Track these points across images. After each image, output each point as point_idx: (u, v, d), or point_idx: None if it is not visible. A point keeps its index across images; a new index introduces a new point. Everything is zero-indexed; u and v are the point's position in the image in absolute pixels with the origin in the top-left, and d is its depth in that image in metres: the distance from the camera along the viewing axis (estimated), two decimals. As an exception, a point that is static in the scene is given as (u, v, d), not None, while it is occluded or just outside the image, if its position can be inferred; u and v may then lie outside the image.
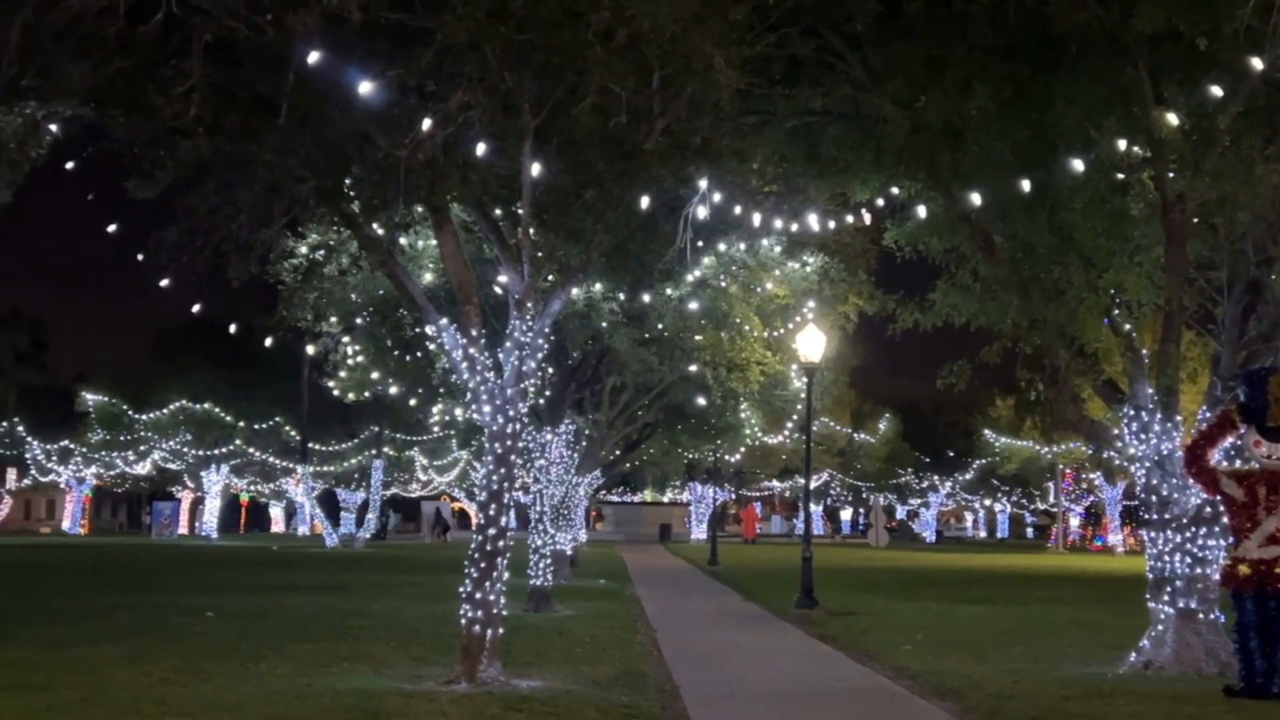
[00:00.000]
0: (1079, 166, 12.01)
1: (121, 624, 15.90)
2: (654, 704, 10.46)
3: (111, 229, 12.44)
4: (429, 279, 18.26)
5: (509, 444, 11.56)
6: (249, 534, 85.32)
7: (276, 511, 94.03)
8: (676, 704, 10.62)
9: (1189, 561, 12.40)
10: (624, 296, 18.56)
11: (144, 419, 66.27)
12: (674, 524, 74.58)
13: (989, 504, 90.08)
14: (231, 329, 17.90)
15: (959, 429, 75.11)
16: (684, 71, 10.43)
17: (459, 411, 26.92)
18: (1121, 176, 12.79)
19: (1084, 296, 12.56)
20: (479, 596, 11.20)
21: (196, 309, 13.72)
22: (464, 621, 11.22)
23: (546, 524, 20.38)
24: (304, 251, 17.90)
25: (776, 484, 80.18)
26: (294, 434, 64.15)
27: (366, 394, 26.24)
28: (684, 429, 29.48)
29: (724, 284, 19.38)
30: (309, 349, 23.91)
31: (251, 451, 68.03)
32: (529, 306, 11.82)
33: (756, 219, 14.33)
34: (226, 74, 10.45)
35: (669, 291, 18.74)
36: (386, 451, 61.28)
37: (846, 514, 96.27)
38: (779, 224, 15.06)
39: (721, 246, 17.63)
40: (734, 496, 79.07)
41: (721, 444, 33.03)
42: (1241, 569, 11.14)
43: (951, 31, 11.99)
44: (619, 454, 32.73)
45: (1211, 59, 11.43)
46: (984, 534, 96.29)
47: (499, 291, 14.45)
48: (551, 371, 20.84)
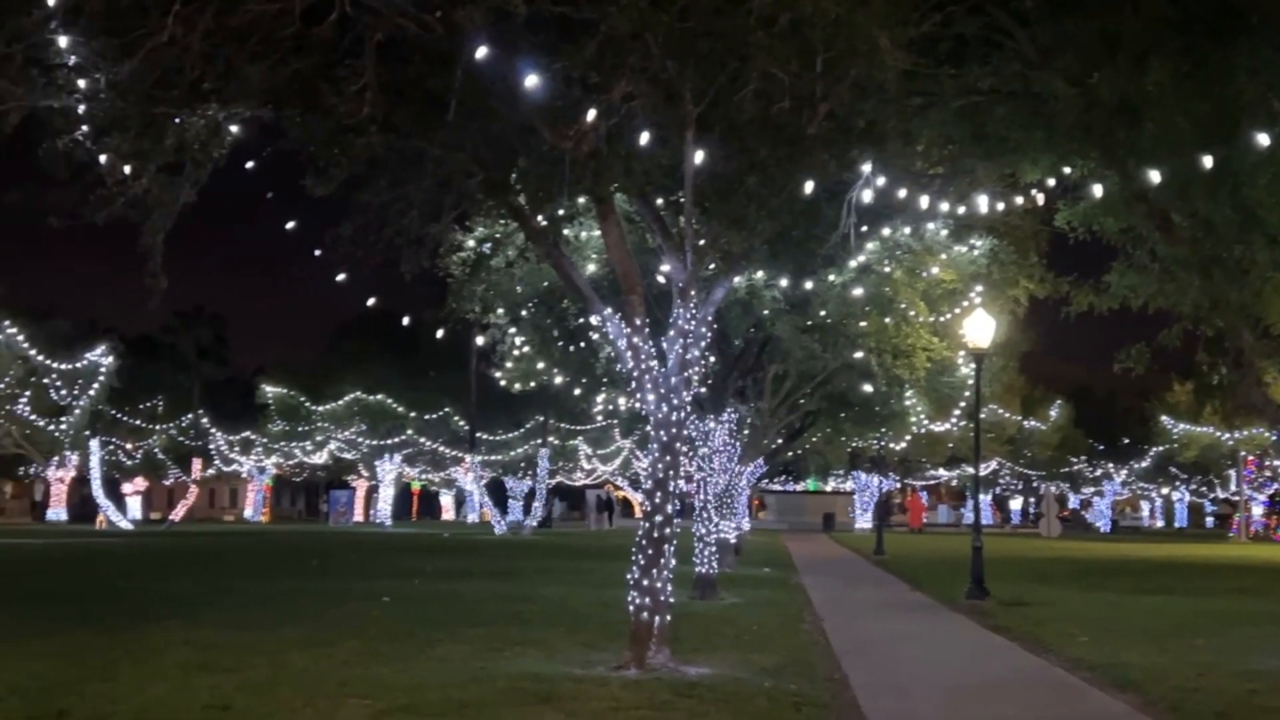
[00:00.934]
0: (1263, 141, 11.48)
1: (303, 608, 16.48)
2: (823, 693, 10.39)
3: (289, 226, 12.88)
4: (592, 269, 18.43)
5: (674, 432, 11.61)
6: (421, 521, 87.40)
7: (446, 499, 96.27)
8: (845, 693, 10.53)
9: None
10: (786, 283, 18.42)
11: (320, 410, 68.56)
12: (838, 513, 73.92)
13: (1166, 493, 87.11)
14: (404, 321, 18.37)
15: (1134, 415, 72.84)
16: (848, 54, 10.31)
17: (622, 401, 27.12)
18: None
19: (1269, 276, 12.04)
20: (646, 584, 11.29)
21: (371, 302, 14.10)
22: (632, 608, 11.32)
23: (710, 512, 20.41)
24: (471, 245, 18.24)
25: (943, 472, 78.82)
26: (463, 424, 65.55)
27: (532, 384, 26.59)
28: (847, 417, 29.19)
29: (889, 269, 19.07)
30: (478, 340, 24.36)
31: (422, 441, 69.83)
32: (692, 295, 11.84)
33: (922, 202, 14.06)
34: (397, 72, 10.71)
35: (832, 277, 18.54)
36: (551, 440, 62.09)
37: (1016, 503, 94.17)
38: (945, 207, 14.76)
39: (886, 231, 17.35)
40: (899, 485, 78.01)
41: (886, 432, 32.62)
42: None
43: (1124, 5, 11.59)
44: (781, 442, 32.61)
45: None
46: (1161, 524, 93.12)
47: (662, 280, 14.51)
48: (714, 360, 20.84)
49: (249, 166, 12.22)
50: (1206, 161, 11.72)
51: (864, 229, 14.71)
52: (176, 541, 42.77)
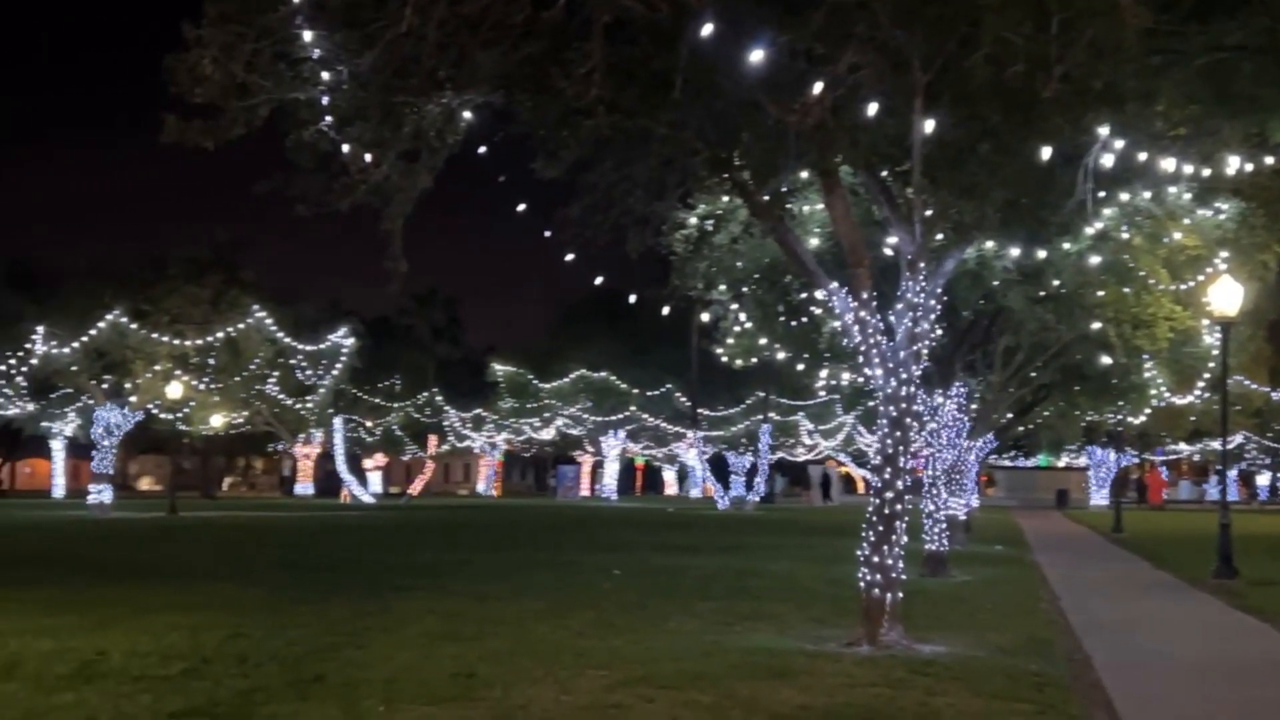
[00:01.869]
0: None
1: (538, 580, 16.95)
2: (1063, 672, 10.09)
3: (520, 208, 13.21)
4: (816, 243, 18.25)
5: (903, 407, 11.45)
6: (645, 496, 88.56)
7: (669, 474, 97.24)
8: (1088, 673, 10.20)
9: None
10: (1018, 253, 17.85)
11: (547, 388, 70.18)
12: (1071, 489, 71.47)
13: None
14: (631, 299, 18.62)
15: (1398, 384, 67.93)
16: (1085, 13, 9.90)
17: (845, 376, 26.87)
18: None
19: None
20: (877, 560, 11.18)
21: (598, 281, 14.33)
22: (863, 584, 11.23)
23: (939, 488, 20.05)
24: (694, 222, 18.35)
25: (1184, 447, 75.26)
26: (684, 400, 66.15)
27: (754, 360, 26.57)
28: (1082, 390, 28.13)
29: (1127, 236, 18.26)
30: (704, 316, 24.50)
31: (645, 417, 70.73)
32: (920, 267, 11.63)
33: (1165, 165, 13.42)
34: (624, 53, 10.82)
35: (1067, 246, 17.87)
36: (772, 416, 61.96)
37: (1263, 479, 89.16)
38: (1189, 169, 14.04)
39: (1124, 196, 16.60)
40: (1137, 460, 74.89)
41: (1124, 405, 31.30)
42: None
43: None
44: (1011, 417, 31.71)
45: None
46: None
47: (889, 253, 14.29)
48: (941, 332, 20.41)
49: (481, 151, 12.60)
50: None
51: (1101, 195, 14.11)
52: (415, 515, 44.57)
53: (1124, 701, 8.89)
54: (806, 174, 13.52)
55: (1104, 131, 11.84)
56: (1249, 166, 14.20)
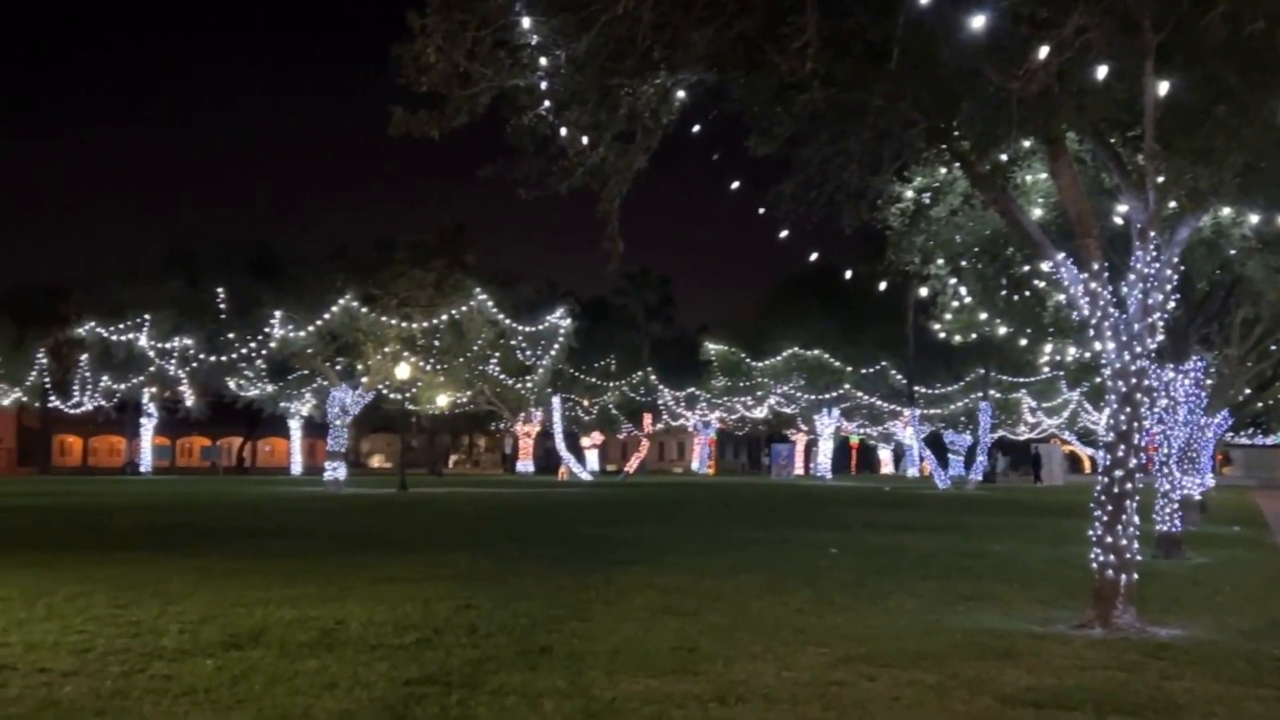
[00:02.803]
0: None
1: (756, 557, 17.00)
2: (1311, 660, 9.56)
3: (734, 186, 13.21)
4: (1039, 214, 17.68)
5: (1134, 383, 11.01)
6: (860, 475, 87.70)
7: (885, 453, 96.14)
8: (1342, 662, 9.63)
9: None
10: (1258, 219, 16.92)
11: (760, 366, 70.18)
12: (1317, 469, 67.52)
13: None
14: (847, 275, 18.43)
15: None
16: (1333, -39, 9.31)
17: (1070, 351, 25.98)
18: None
19: None
20: (1109, 540, 10.81)
21: (814, 257, 14.24)
22: (1095, 566, 10.87)
23: (1172, 467, 19.23)
24: (910, 195, 17.99)
25: None
26: (900, 377, 65.16)
27: (973, 335, 25.96)
28: (1328, 364, 26.57)
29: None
30: (922, 291, 24.07)
31: (860, 395, 70.01)
32: (1153, 236, 11.16)
33: None
34: (838, 25, 10.69)
35: (1313, 210, 16.85)
36: (992, 393, 60.50)
37: None
38: None
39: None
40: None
41: (1374, 378, 29.39)
42: None
43: None
44: (1250, 393, 30.18)
45: None
46: None
47: (1119, 222, 13.74)
48: (1175, 304, 19.51)
49: (695, 131, 12.65)
50: None
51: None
52: (632, 492, 45.25)
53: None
54: (1030, 142, 13.10)
55: (1356, 86, 11.11)
56: None
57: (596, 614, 11.07)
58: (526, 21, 11.01)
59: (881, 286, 17.96)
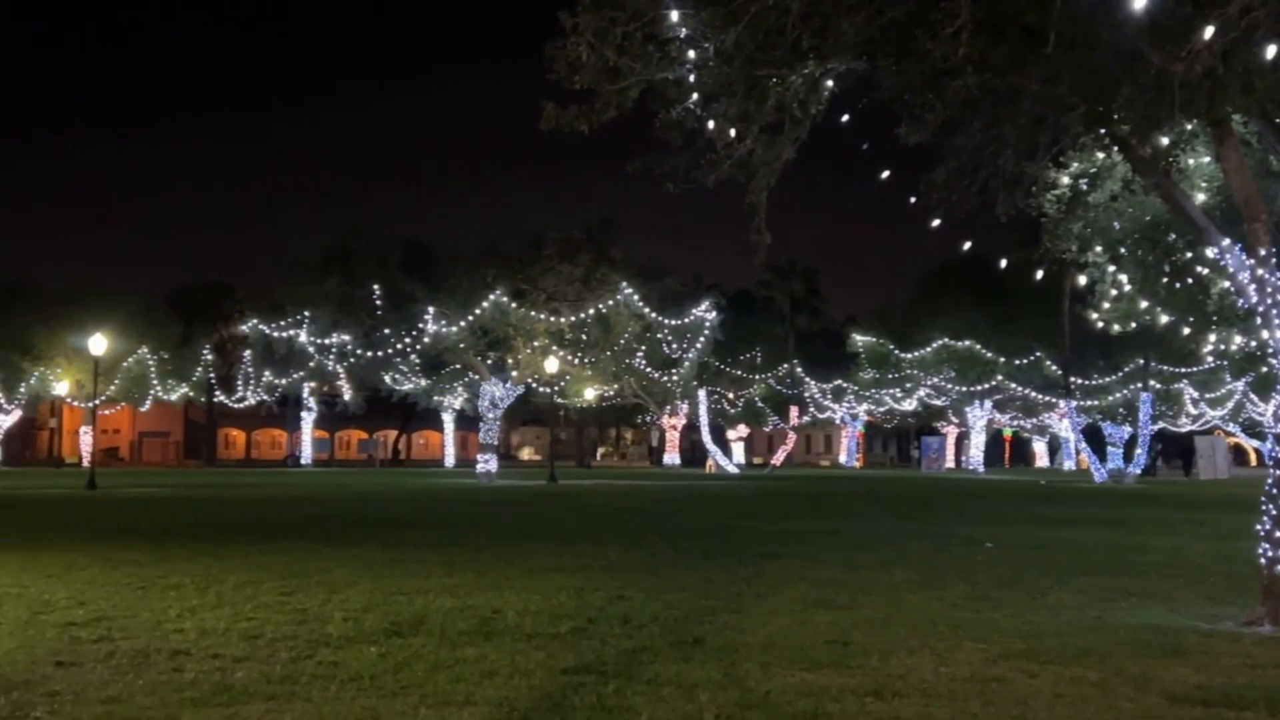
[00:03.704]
0: None
1: (908, 551, 16.79)
2: None
3: (883, 176, 13.06)
4: (1203, 199, 17.10)
5: (1308, 371, 10.59)
6: (1013, 468, 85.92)
7: (1039, 446, 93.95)
8: None
9: None
10: None
11: (909, 357, 69.26)
12: None
13: None
14: (1002, 264, 18.10)
15: None
16: None
17: (1236, 340, 25.09)
18: None
19: None
20: (1279, 535, 10.40)
21: (967, 246, 14.02)
22: (1264, 561, 10.47)
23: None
24: (1067, 181, 17.57)
25: None
26: (1055, 368, 63.65)
27: (1132, 324, 25.24)
28: None
29: None
30: (1079, 279, 23.49)
31: (1013, 387, 68.59)
32: (1330, 219, 10.71)
33: None
34: (992, 9, 10.48)
35: None
36: (1153, 384, 58.72)
37: None
38: None
39: None
40: None
41: None
42: None
43: None
44: None
45: None
46: None
47: (1289, 205, 13.22)
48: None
49: (843, 120, 12.54)
50: None
51: None
52: (779, 485, 45.09)
53: None
54: (1193, 125, 12.68)
55: None
56: None
57: (748, 606, 11.07)
58: (675, 15, 11.05)
59: (1037, 275, 17.55)
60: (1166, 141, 12.46)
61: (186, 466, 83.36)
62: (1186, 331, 25.30)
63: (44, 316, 66.43)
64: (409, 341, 48.21)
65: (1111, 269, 21.26)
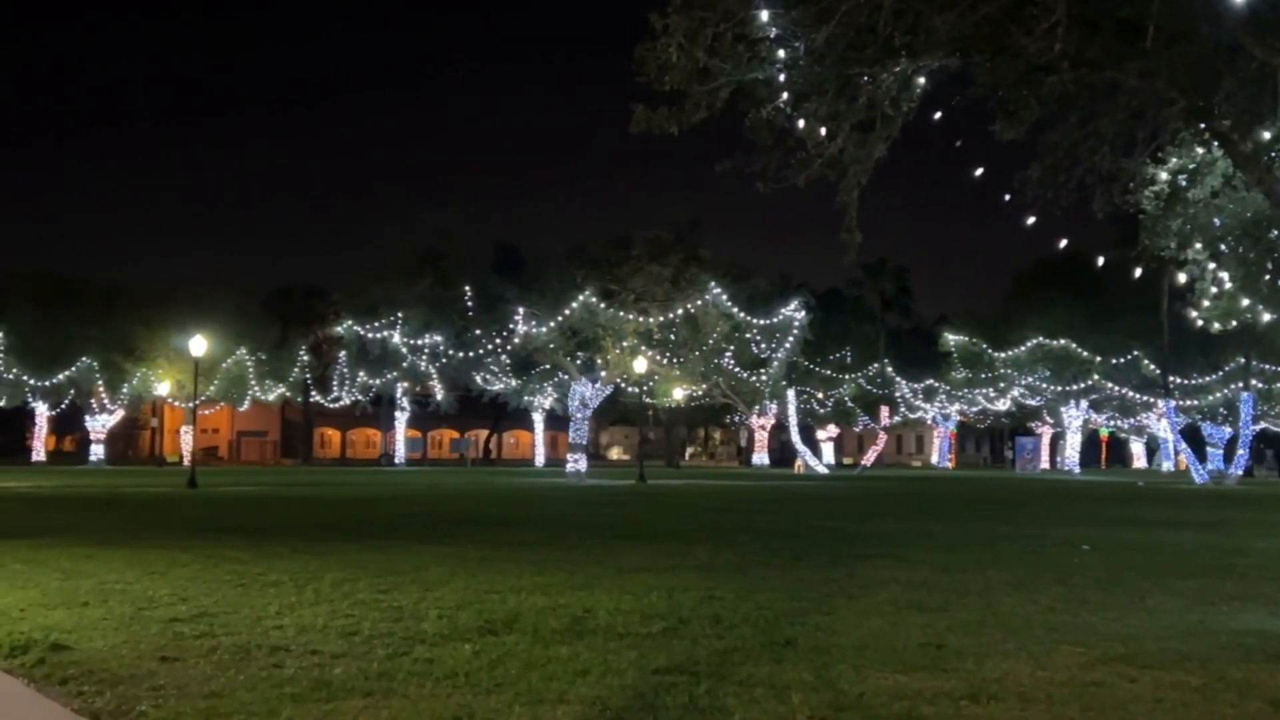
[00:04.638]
0: None
1: (1003, 553, 16.57)
2: None
3: (977, 173, 12.94)
4: (1307, 194, 16.71)
5: None
6: (1110, 469, 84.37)
7: (1137, 447, 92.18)
8: None
9: None
10: None
11: (1002, 357, 68.35)
12: None
13: None
14: (1099, 262, 17.86)
15: None
16: None
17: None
18: None
19: None
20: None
21: (1063, 244, 13.86)
22: (1374, 566, 10.20)
23: None
24: (1165, 177, 17.28)
25: None
26: (1153, 367, 62.38)
27: (1234, 323, 24.72)
28: None
29: None
30: (1180, 276, 23.04)
31: (1110, 386, 67.36)
32: None
33: None
34: (1088, 3, 10.36)
35: None
36: (1255, 384, 57.29)
37: None
38: None
39: None
40: None
41: None
42: None
43: None
44: None
45: None
46: None
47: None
48: None
49: (936, 117, 12.46)
50: None
51: None
52: (870, 485, 44.73)
53: None
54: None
55: None
56: None
57: (840, 608, 11.00)
58: (765, 14, 11.07)
59: (1135, 273, 17.27)
60: (1269, 136, 12.21)
61: (283, 465, 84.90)
62: (1291, 329, 24.67)
63: (144, 317, 68.03)
64: (499, 342, 48.63)
65: (1212, 266, 20.86)
